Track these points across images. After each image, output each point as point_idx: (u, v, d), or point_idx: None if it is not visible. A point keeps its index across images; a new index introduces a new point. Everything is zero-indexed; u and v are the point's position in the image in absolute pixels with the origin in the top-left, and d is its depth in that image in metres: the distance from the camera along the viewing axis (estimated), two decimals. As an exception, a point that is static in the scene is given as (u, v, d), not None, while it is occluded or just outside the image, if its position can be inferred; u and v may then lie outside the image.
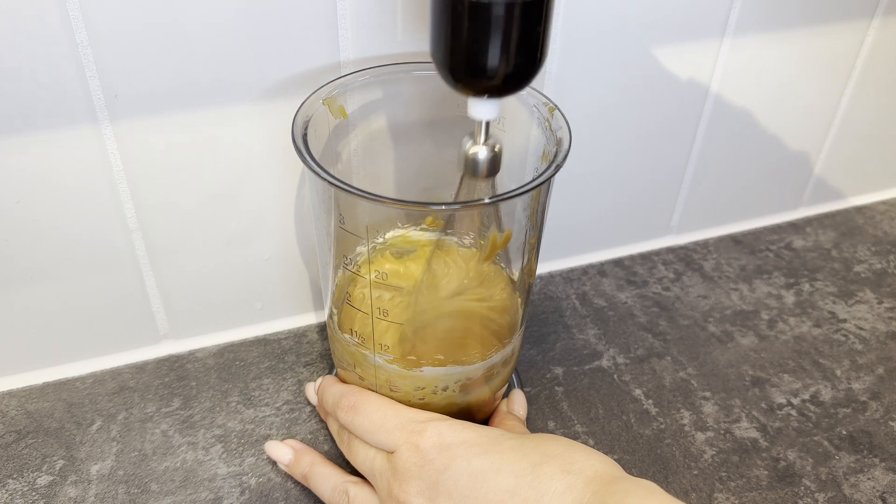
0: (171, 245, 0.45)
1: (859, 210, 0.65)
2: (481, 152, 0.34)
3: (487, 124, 0.34)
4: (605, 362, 0.50)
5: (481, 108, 0.33)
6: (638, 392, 0.48)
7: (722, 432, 0.46)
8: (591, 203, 0.55)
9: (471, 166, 0.35)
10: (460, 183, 0.36)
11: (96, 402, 0.46)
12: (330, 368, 0.49)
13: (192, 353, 0.50)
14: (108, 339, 0.48)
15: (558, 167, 0.34)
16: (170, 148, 0.42)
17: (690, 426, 0.46)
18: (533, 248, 0.39)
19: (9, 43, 0.36)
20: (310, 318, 0.52)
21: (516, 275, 0.41)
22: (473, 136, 0.34)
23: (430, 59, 0.32)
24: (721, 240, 0.61)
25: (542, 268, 0.57)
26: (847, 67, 0.55)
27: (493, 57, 0.30)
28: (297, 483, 0.42)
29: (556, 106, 0.38)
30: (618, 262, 0.58)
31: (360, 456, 0.37)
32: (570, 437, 0.40)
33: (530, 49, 0.31)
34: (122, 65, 0.38)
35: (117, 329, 0.48)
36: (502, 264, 0.42)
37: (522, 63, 0.31)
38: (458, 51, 0.30)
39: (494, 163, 0.35)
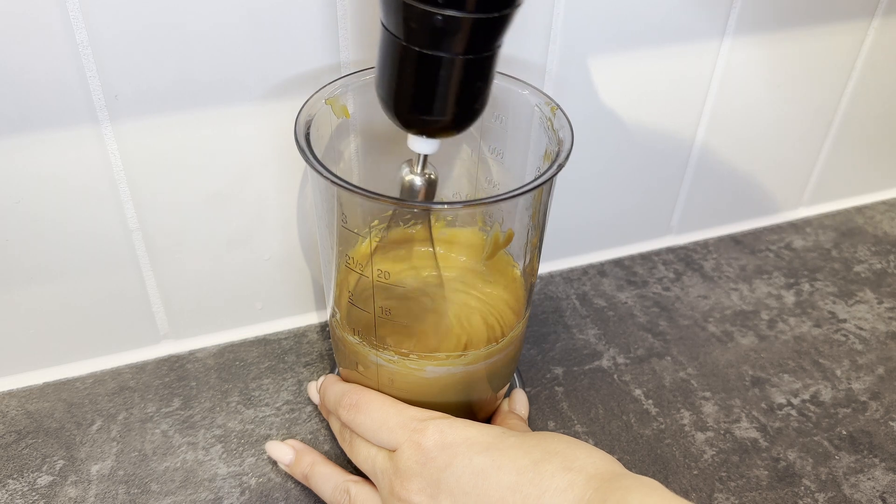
0: (171, 245, 0.45)
1: (859, 210, 0.65)
2: (417, 180, 0.36)
3: (425, 157, 0.35)
4: (605, 362, 0.50)
5: (421, 144, 0.34)
6: (638, 392, 0.48)
7: (722, 432, 0.46)
8: (591, 203, 0.55)
9: (406, 192, 0.37)
10: (393, 213, 0.38)
11: (96, 402, 0.46)
12: (331, 368, 0.49)
13: (192, 353, 0.50)
14: (108, 339, 0.48)
15: (560, 166, 0.34)
16: (170, 148, 0.42)
17: (690, 426, 0.46)
18: (535, 248, 0.39)
19: (9, 43, 0.36)
20: (310, 318, 0.52)
21: (518, 274, 0.41)
22: (411, 165, 0.36)
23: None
24: (721, 240, 0.61)
25: (543, 268, 0.57)
26: (847, 67, 0.55)
27: (437, 104, 0.32)
28: (297, 483, 0.42)
29: (558, 105, 0.38)
30: (618, 262, 0.58)
31: (361, 454, 0.37)
32: (570, 437, 0.40)
33: (471, 100, 0.32)
34: (122, 65, 0.38)
35: (117, 329, 0.48)
36: (510, 260, 0.42)
37: (461, 112, 0.33)
38: (403, 94, 0.32)
39: (430, 191, 0.37)
